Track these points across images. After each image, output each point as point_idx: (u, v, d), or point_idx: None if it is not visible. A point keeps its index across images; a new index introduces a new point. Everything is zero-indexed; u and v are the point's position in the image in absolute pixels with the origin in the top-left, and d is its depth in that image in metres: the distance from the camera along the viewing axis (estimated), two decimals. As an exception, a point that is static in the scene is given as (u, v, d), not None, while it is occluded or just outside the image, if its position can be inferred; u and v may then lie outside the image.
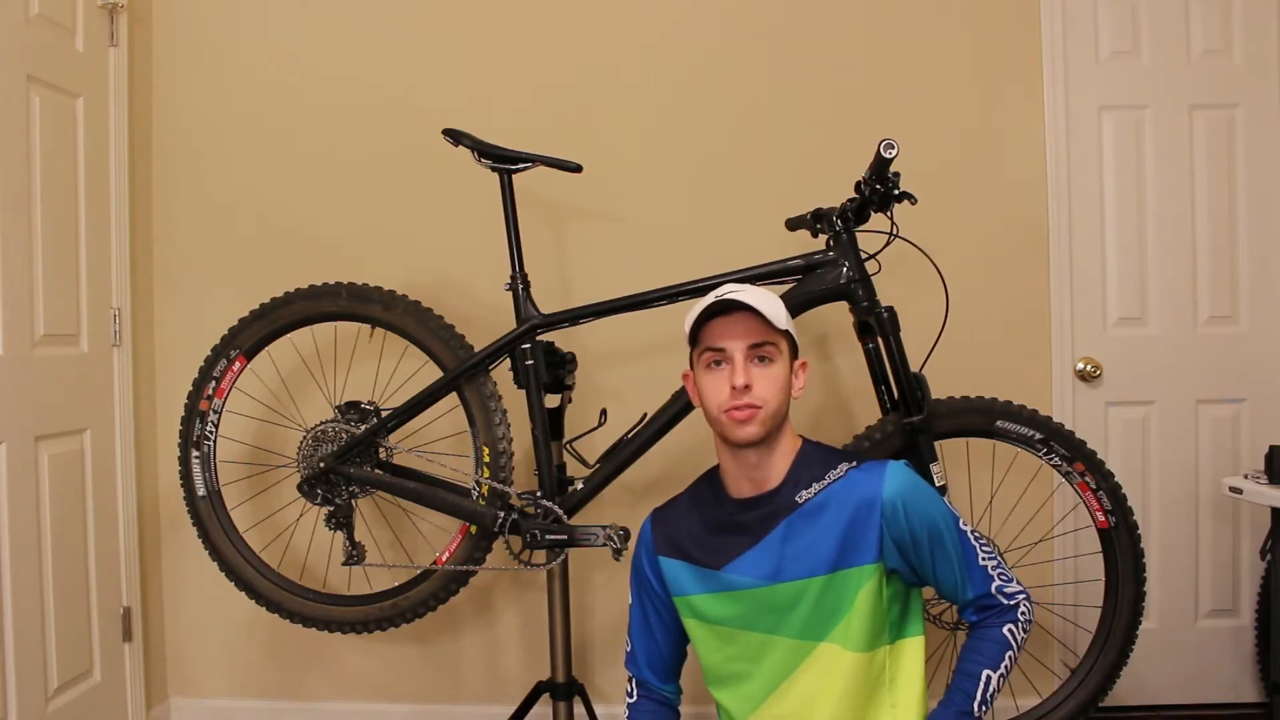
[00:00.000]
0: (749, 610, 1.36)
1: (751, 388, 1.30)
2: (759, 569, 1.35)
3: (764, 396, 1.31)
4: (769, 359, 1.33)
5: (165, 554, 2.42)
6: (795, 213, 1.91)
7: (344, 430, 1.89)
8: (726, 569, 1.37)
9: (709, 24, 2.34)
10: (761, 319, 1.31)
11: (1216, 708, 2.37)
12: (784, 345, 1.35)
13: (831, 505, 1.32)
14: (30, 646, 1.93)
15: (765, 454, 1.36)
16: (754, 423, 1.30)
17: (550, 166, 1.85)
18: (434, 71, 2.35)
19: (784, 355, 1.35)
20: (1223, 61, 2.36)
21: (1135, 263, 2.37)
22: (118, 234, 2.23)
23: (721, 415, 1.33)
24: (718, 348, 1.33)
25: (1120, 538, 1.80)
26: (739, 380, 1.30)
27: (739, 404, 1.30)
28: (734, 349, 1.32)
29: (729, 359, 1.33)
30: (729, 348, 1.32)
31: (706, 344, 1.35)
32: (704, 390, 1.37)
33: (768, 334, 1.32)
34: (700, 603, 1.41)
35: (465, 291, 2.30)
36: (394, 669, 2.39)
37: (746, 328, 1.32)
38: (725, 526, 1.40)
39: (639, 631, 1.52)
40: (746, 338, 1.32)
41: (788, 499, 1.35)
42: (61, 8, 2.06)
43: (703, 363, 1.36)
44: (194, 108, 2.39)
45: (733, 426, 1.32)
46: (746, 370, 1.31)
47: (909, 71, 2.33)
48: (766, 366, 1.33)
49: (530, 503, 1.82)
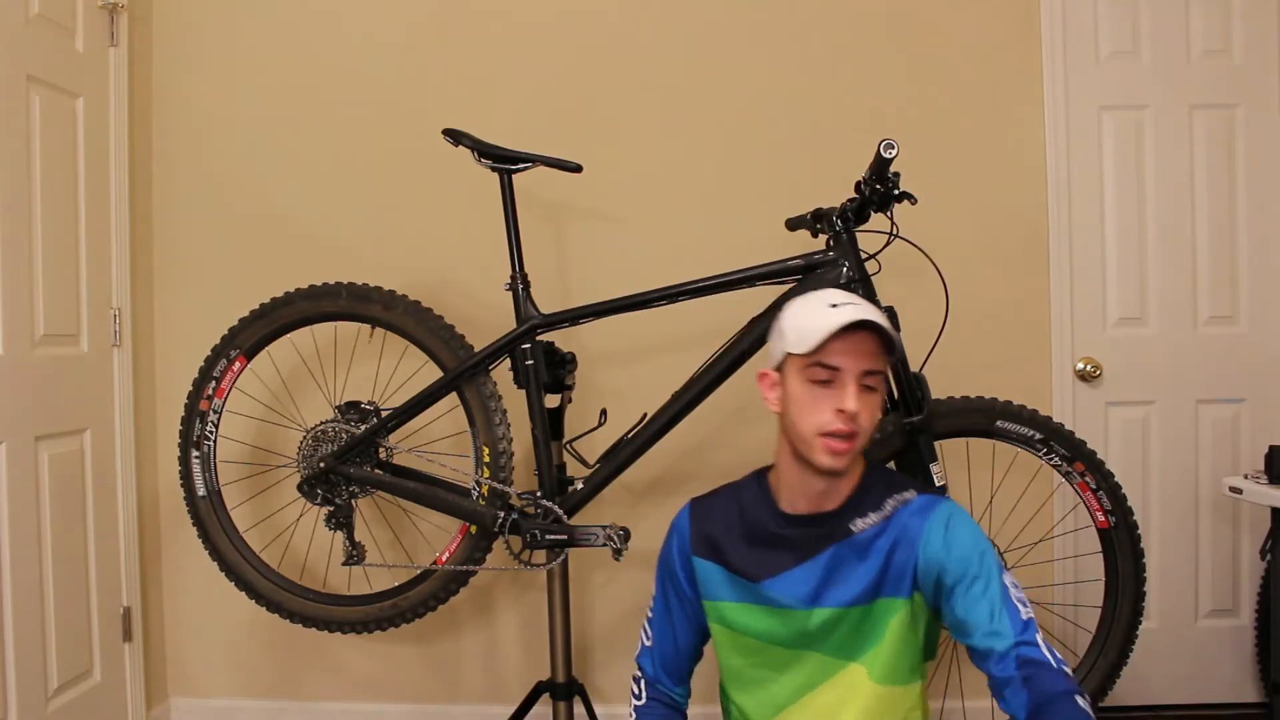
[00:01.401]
0: (781, 628, 1.31)
1: (857, 413, 1.21)
2: (798, 590, 1.29)
3: (865, 426, 1.22)
4: (874, 388, 1.24)
5: (165, 554, 2.42)
6: (795, 213, 1.91)
7: (344, 430, 1.89)
8: (765, 584, 1.31)
9: (709, 24, 2.34)
10: (880, 344, 1.23)
11: (1216, 708, 2.37)
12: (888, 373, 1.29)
13: (882, 538, 1.27)
14: (30, 646, 1.93)
15: (836, 480, 1.28)
16: (849, 454, 1.22)
17: (550, 166, 1.85)
18: (434, 71, 2.35)
19: (883, 383, 1.28)
20: (1223, 61, 2.36)
21: (1135, 263, 2.37)
22: (118, 234, 2.23)
23: (815, 438, 1.22)
24: (832, 365, 1.22)
25: (1120, 538, 1.80)
26: (850, 405, 1.20)
27: (841, 430, 1.21)
28: (849, 371, 1.21)
29: (840, 381, 1.22)
30: (844, 368, 1.21)
31: (820, 358, 1.22)
32: (799, 405, 1.25)
33: (882, 361, 1.24)
34: (731, 611, 1.36)
35: (465, 291, 2.30)
36: (394, 669, 2.39)
37: (866, 350, 1.22)
38: (770, 539, 1.33)
39: (660, 627, 1.46)
40: (863, 362, 1.22)
41: (842, 525, 1.29)
42: (61, 8, 2.06)
43: (805, 375, 1.24)
44: (194, 108, 2.39)
45: (825, 454, 1.22)
46: (857, 396, 1.21)
47: (909, 71, 2.33)
48: (871, 395, 1.23)
49: (530, 503, 1.82)
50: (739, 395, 2.24)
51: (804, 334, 1.23)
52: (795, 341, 1.25)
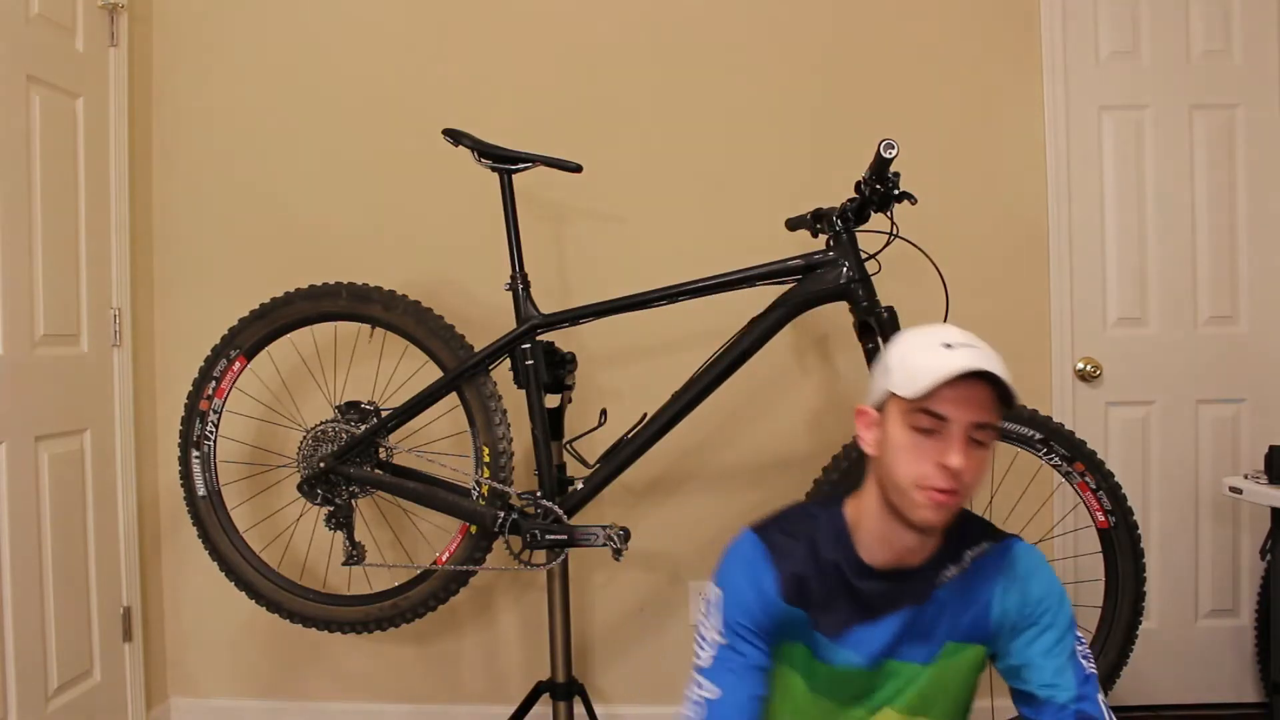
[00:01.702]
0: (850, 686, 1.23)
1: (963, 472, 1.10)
2: (870, 648, 1.20)
3: (969, 483, 1.12)
4: (984, 444, 1.13)
5: (165, 554, 2.42)
6: (795, 212, 1.91)
7: (344, 430, 1.89)
8: (841, 638, 1.21)
9: (709, 24, 2.34)
10: (996, 395, 1.12)
11: (1216, 708, 2.37)
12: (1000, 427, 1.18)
13: (962, 589, 1.21)
14: (30, 646, 1.93)
15: (928, 538, 1.18)
16: (948, 509, 1.12)
17: (550, 166, 1.85)
18: (434, 71, 2.35)
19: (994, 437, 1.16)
20: (1223, 61, 2.36)
21: (1135, 263, 2.37)
22: (118, 234, 2.23)
23: (913, 490, 1.12)
24: (939, 414, 1.11)
25: (1120, 538, 1.80)
26: (954, 461, 1.09)
27: (943, 487, 1.10)
28: (957, 422, 1.10)
29: (946, 431, 1.11)
30: (952, 419, 1.10)
31: (926, 405, 1.11)
32: (898, 452, 1.14)
33: (995, 415, 1.13)
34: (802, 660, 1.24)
35: (465, 291, 2.29)
36: (394, 669, 2.39)
37: (979, 401, 1.11)
38: (846, 589, 1.21)
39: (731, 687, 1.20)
40: (975, 414, 1.11)
41: (926, 581, 1.20)
42: (61, 8, 2.06)
43: (908, 420, 1.13)
44: (194, 108, 2.39)
45: (922, 508, 1.12)
46: (966, 451, 1.10)
47: (909, 71, 2.33)
48: (980, 450, 1.12)
49: (530, 503, 1.82)
50: (739, 395, 2.25)
51: (913, 375, 1.12)
52: (901, 382, 1.13)
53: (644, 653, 2.35)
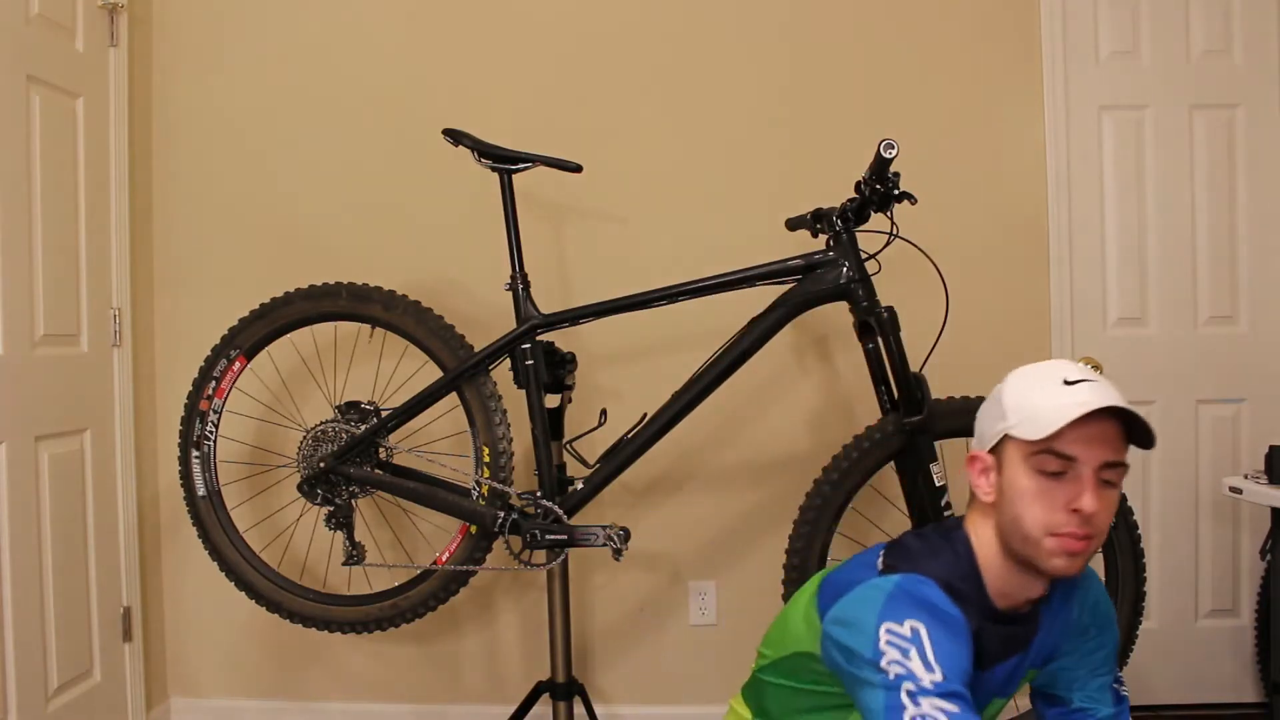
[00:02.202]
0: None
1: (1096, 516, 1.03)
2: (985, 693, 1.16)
3: (1101, 527, 1.05)
4: (1114, 484, 1.06)
5: (165, 554, 2.42)
6: (795, 213, 1.91)
7: (344, 430, 1.89)
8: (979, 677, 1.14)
9: (709, 25, 2.34)
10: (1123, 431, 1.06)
11: (1216, 708, 2.37)
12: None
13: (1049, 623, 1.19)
14: (30, 646, 1.93)
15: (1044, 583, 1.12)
16: (1084, 556, 1.05)
17: (550, 166, 1.85)
18: (434, 71, 2.35)
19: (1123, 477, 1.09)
20: (1223, 61, 2.36)
21: (1135, 262, 2.37)
22: (118, 234, 2.23)
23: (1045, 538, 1.04)
24: (1068, 455, 1.04)
25: (1120, 537, 1.80)
26: (1088, 506, 1.02)
27: (1079, 532, 1.03)
28: (1086, 463, 1.03)
29: (1075, 473, 1.04)
30: (1082, 460, 1.03)
31: (1053, 446, 1.04)
32: (1025, 499, 1.06)
33: (1124, 449, 1.06)
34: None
35: (465, 291, 2.29)
36: (394, 669, 2.39)
37: (1108, 439, 1.04)
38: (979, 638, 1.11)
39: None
40: (1105, 453, 1.04)
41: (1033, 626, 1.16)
42: (61, 8, 2.05)
43: (1031, 464, 1.06)
44: (194, 108, 2.39)
45: (1056, 557, 1.05)
46: (1098, 494, 1.03)
47: (909, 71, 2.33)
48: (1110, 491, 1.06)
49: (530, 503, 1.82)
50: (739, 395, 2.25)
51: (1035, 416, 1.05)
52: (1022, 424, 1.07)
53: (644, 653, 2.35)
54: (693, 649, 2.35)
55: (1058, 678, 1.20)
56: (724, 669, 2.33)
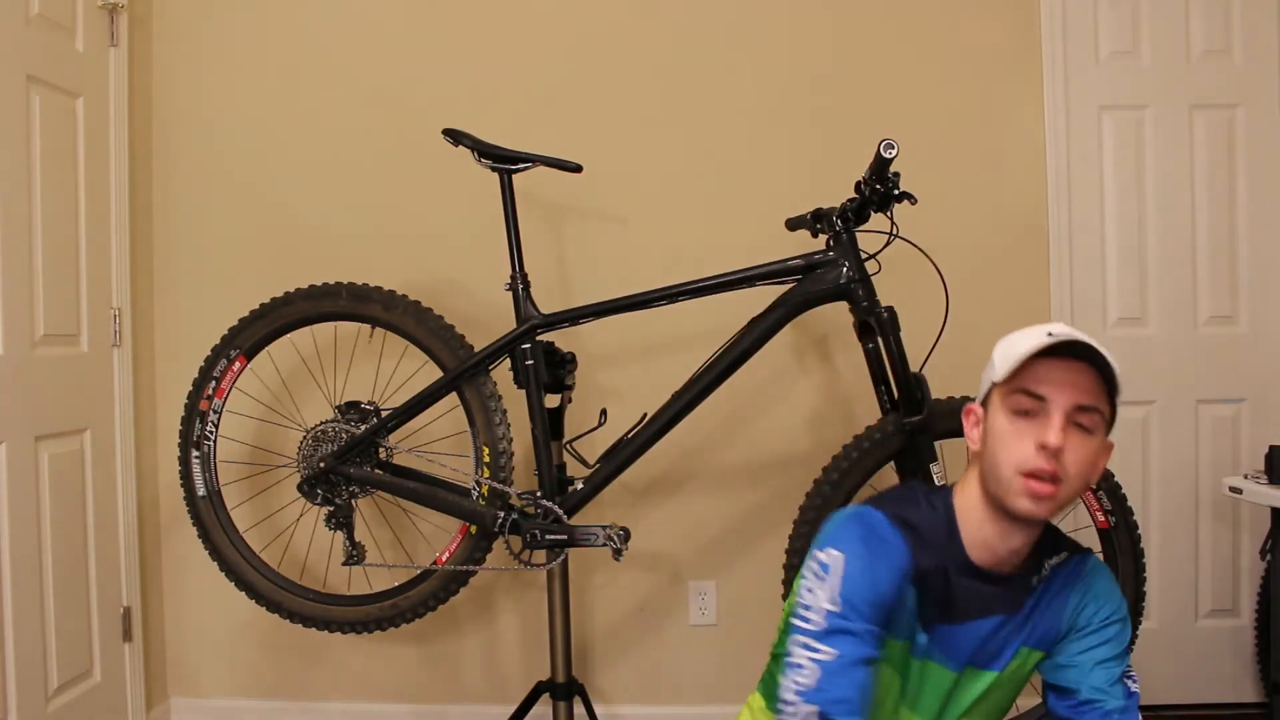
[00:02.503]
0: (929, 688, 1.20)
1: (1063, 454, 1.06)
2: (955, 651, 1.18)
3: (1071, 471, 1.07)
4: (1090, 429, 1.08)
5: (165, 554, 2.42)
6: (795, 213, 1.91)
7: (344, 430, 1.89)
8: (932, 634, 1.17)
9: (709, 24, 2.34)
10: (1100, 377, 1.08)
11: (1216, 708, 2.37)
12: (1107, 415, 1.11)
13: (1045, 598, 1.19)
14: (30, 646, 1.93)
15: (1030, 537, 1.14)
16: (1050, 500, 1.07)
17: (550, 166, 1.85)
18: (434, 71, 2.35)
19: (1102, 428, 1.10)
20: (1223, 61, 2.36)
21: (1135, 262, 2.37)
22: (118, 234, 2.23)
23: (1015, 477, 1.07)
24: (1037, 394, 1.07)
25: (1120, 538, 1.80)
26: (1052, 439, 1.05)
27: (1042, 469, 1.06)
28: (1056, 402, 1.07)
29: (1045, 412, 1.07)
30: (1051, 398, 1.07)
31: (1024, 384, 1.08)
32: (999, 439, 1.10)
33: (1101, 398, 1.08)
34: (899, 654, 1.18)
35: (465, 291, 2.29)
36: (394, 669, 2.39)
37: (1081, 384, 1.07)
38: (948, 587, 1.16)
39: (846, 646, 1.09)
40: (1077, 395, 1.07)
41: (1018, 590, 1.18)
42: (61, 8, 2.05)
43: (1008, 405, 1.10)
44: (194, 108, 2.39)
45: (1021, 496, 1.07)
46: (1064, 432, 1.06)
47: (909, 71, 2.33)
48: (1084, 436, 1.08)
49: (530, 503, 1.83)
50: (739, 395, 2.25)
51: (1008, 357, 1.10)
52: (1000, 368, 1.12)
53: (644, 653, 2.35)
54: (693, 649, 2.35)
55: (1065, 670, 1.20)
56: (724, 669, 2.33)
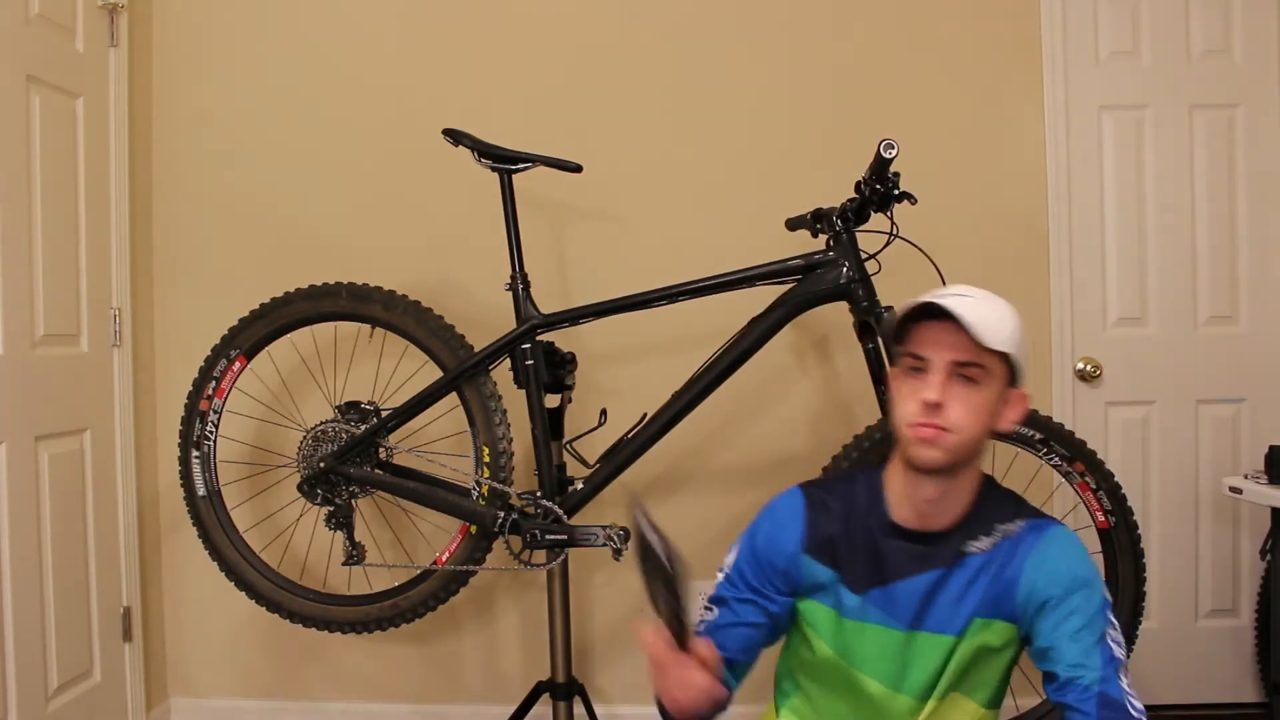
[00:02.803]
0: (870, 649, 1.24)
1: (944, 408, 1.13)
2: (896, 610, 1.22)
3: (956, 422, 1.14)
4: (974, 380, 1.15)
5: (165, 554, 2.42)
6: (795, 212, 1.91)
7: (344, 430, 1.89)
8: (865, 596, 1.23)
9: (709, 24, 2.34)
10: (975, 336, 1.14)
11: (1216, 708, 2.37)
12: (998, 367, 1.16)
13: (993, 563, 1.20)
14: (30, 646, 1.93)
15: (942, 490, 1.19)
16: (938, 447, 1.14)
17: (550, 166, 1.85)
18: (434, 71, 2.35)
19: (994, 379, 1.16)
20: (1223, 61, 2.36)
21: (1135, 262, 2.37)
22: (118, 234, 2.23)
23: (905, 429, 1.17)
24: (920, 355, 1.17)
25: (1120, 538, 1.80)
26: (929, 395, 1.13)
27: (926, 422, 1.14)
28: (935, 360, 1.15)
29: (929, 370, 1.16)
30: (930, 357, 1.15)
31: (910, 348, 1.19)
32: (896, 398, 1.20)
33: (978, 353, 1.14)
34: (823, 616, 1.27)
35: (465, 291, 2.29)
36: (394, 669, 2.39)
37: (955, 340, 1.14)
38: (874, 549, 1.24)
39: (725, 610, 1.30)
40: (951, 352, 1.14)
41: (954, 547, 1.21)
42: (61, 8, 2.05)
43: (902, 367, 1.20)
44: (194, 108, 2.39)
45: (914, 445, 1.16)
46: (943, 387, 1.14)
47: (909, 71, 2.33)
48: (969, 388, 1.15)
49: (530, 503, 1.83)
50: (739, 395, 2.25)
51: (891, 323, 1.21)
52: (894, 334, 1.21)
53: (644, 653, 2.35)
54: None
55: (1046, 654, 1.18)
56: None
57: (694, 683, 1.09)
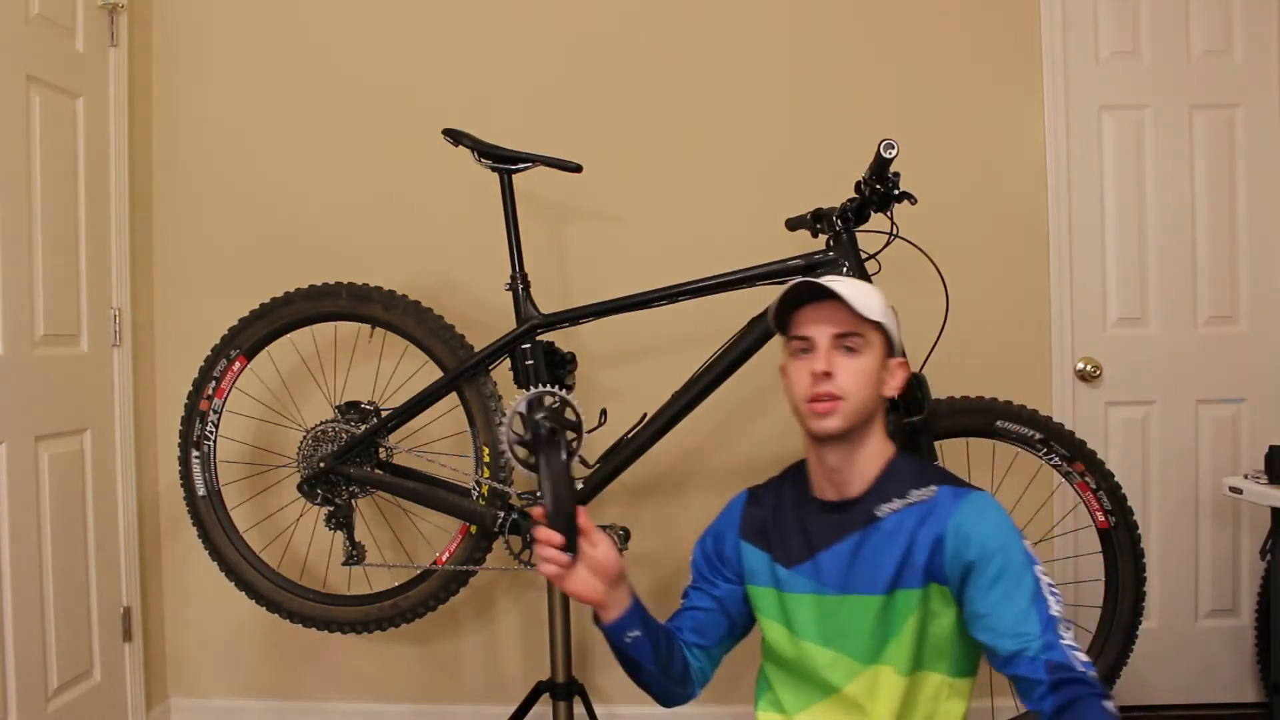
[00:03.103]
0: (809, 617, 1.31)
1: (833, 376, 1.24)
2: (823, 577, 1.30)
3: (846, 388, 1.24)
4: (856, 350, 1.26)
5: (165, 554, 2.42)
6: (795, 212, 1.91)
7: (344, 430, 1.89)
8: (795, 569, 1.32)
9: (709, 24, 2.34)
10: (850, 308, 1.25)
11: (1216, 708, 2.37)
12: (875, 338, 1.28)
13: (906, 525, 1.25)
14: (30, 646, 1.93)
15: (847, 456, 1.29)
16: (835, 415, 1.24)
17: (550, 166, 1.85)
18: (434, 71, 2.35)
19: (874, 348, 1.27)
20: (1223, 61, 2.36)
21: (1135, 263, 2.37)
22: (118, 234, 2.23)
23: (803, 405, 1.27)
24: (803, 335, 1.28)
25: (1120, 538, 1.80)
26: (819, 366, 1.24)
27: (819, 392, 1.24)
28: (819, 337, 1.26)
29: (814, 347, 1.27)
30: (814, 335, 1.27)
31: (794, 331, 1.30)
32: (789, 380, 1.30)
33: (856, 324, 1.26)
34: (769, 598, 1.36)
35: (465, 291, 2.29)
36: (394, 669, 2.39)
37: (833, 315, 1.26)
38: (802, 526, 1.34)
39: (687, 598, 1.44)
40: (833, 326, 1.26)
41: (866, 511, 1.29)
42: (61, 8, 2.06)
43: (790, 351, 1.31)
44: (194, 108, 2.39)
45: (813, 418, 1.26)
46: (830, 358, 1.25)
47: (909, 71, 2.33)
48: (852, 357, 1.26)
49: (531, 503, 1.82)
50: (739, 396, 2.25)
51: (773, 315, 1.33)
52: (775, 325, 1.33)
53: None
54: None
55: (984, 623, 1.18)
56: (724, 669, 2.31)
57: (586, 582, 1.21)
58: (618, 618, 1.25)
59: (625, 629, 1.26)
